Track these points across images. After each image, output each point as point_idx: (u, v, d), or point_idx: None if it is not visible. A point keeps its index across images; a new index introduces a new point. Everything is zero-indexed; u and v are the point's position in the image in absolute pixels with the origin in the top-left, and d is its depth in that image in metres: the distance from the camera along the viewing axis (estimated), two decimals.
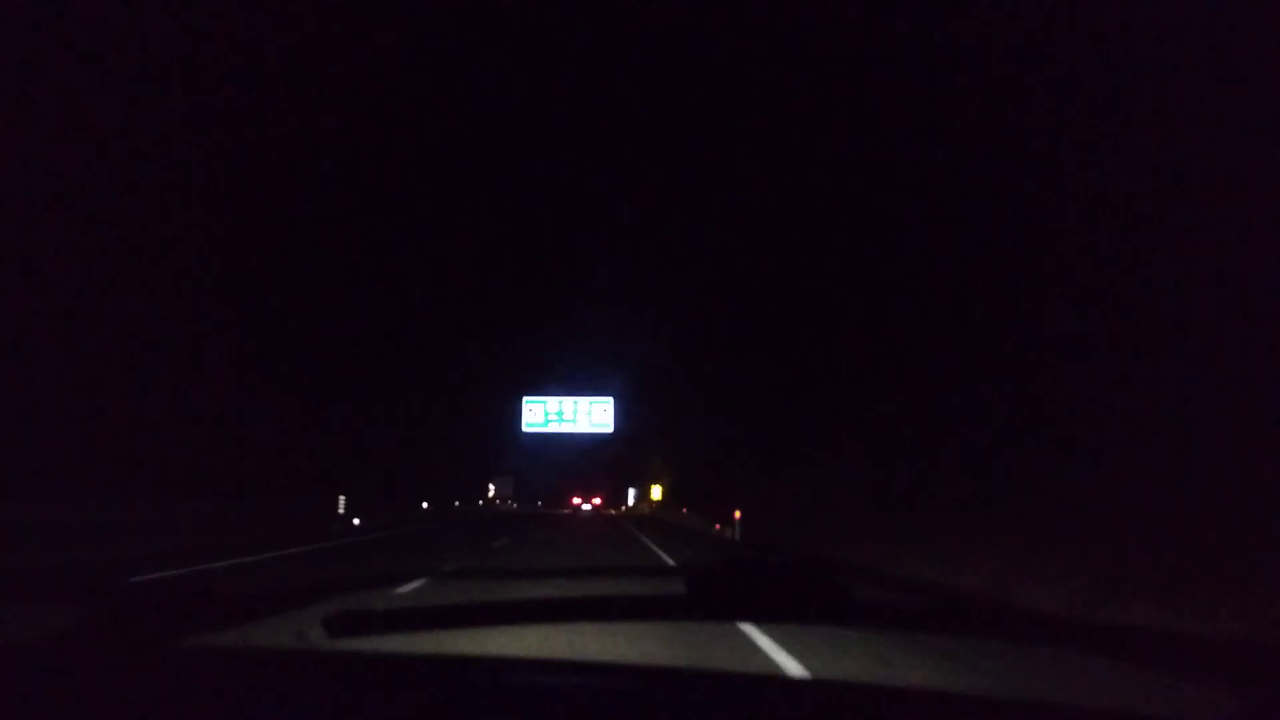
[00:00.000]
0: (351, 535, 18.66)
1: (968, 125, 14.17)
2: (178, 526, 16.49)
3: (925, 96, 15.70)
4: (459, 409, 50.94)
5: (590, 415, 44.79)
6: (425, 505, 38.68)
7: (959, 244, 15.00)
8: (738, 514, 22.45)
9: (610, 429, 45.31)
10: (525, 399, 44.57)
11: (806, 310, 24.23)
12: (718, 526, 24.90)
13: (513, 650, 4.17)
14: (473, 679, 1.37)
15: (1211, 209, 8.70)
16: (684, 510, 34.84)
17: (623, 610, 1.69)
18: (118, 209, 19.03)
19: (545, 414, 44.61)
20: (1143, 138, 9.90)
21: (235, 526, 17.67)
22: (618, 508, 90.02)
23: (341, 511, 20.33)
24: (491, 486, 79.68)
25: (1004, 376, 12.64)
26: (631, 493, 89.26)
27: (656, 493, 58.85)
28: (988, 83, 13.01)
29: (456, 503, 52.55)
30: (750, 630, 5.70)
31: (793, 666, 4.84)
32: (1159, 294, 9.54)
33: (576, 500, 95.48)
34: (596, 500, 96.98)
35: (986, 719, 1.23)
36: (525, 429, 44.73)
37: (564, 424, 44.73)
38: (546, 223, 49.69)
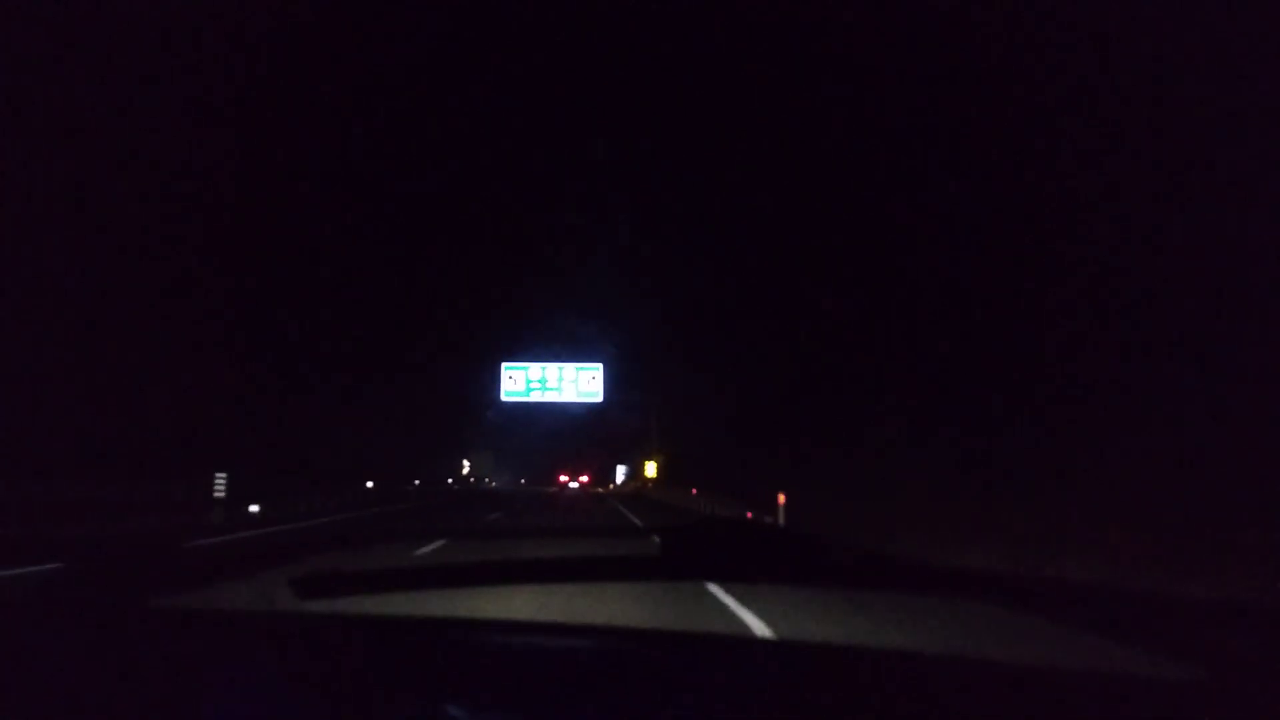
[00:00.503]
0: (237, 530, 12.79)
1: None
2: None
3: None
4: (426, 375, 44.80)
5: (577, 383, 40.53)
6: (370, 485, 32.60)
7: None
8: (782, 498, 17.02)
9: (600, 398, 41.06)
10: (505, 365, 39.88)
11: (856, 248, 19.01)
12: (749, 515, 19.48)
13: (483, 612, 3.92)
14: (445, 640, 1.36)
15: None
16: (693, 491, 29.17)
17: (600, 571, 1.78)
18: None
19: (527, 382, 40.06)
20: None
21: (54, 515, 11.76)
22: (605, 486, 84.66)
23: (220, 495, 14.27)
24: (467, 463, 73.61)
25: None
26: (621, 470, 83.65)
27: (651, 470, 53.45)
28: None
29: (416, 481, 46.34)
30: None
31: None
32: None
33: (563, 478, 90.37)
34: (584, 478, 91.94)
35: (954, 679, 1.18)
36: (504, 398, 39.87)
37: (548, 393, 40.41)
38: (527, 166, 43.62)
